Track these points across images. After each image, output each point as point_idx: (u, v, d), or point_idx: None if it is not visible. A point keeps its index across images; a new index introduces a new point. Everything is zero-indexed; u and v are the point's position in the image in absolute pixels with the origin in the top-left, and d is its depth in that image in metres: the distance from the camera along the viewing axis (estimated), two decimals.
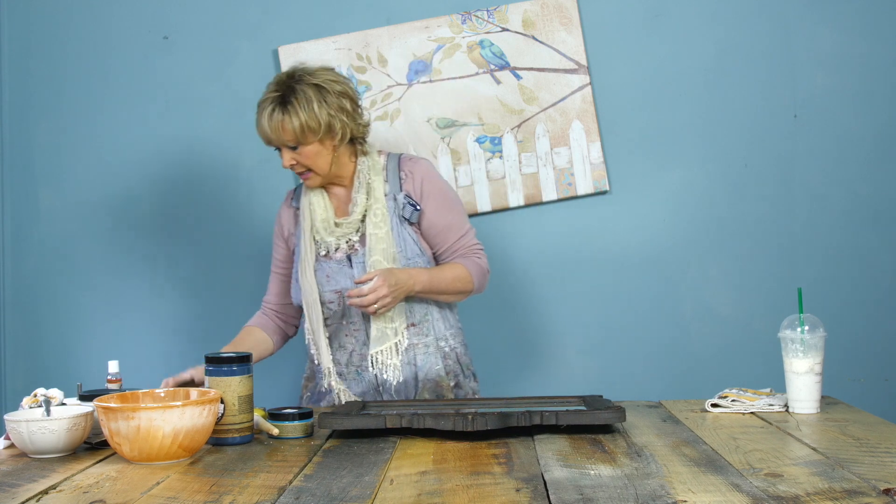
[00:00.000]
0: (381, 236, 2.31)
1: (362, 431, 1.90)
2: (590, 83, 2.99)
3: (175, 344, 3.08)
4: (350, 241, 2.35)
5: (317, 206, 2.37)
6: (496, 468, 1.59)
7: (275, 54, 3.05)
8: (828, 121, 2.99)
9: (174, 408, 1.66)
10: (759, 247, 3.00)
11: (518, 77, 3.00)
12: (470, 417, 1.81)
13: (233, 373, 1.85)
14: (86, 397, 2.02)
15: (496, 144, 3.00)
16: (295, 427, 1.89)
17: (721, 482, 1.46)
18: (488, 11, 3.01)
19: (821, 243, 2.99)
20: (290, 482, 1.53)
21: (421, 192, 2.37)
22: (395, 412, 1.90)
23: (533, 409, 1.88)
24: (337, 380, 2.34)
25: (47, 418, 1.74)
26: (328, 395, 2.37)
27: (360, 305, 2.22)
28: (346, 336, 2.36)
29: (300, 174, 2.34)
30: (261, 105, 2.28)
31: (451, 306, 2.45)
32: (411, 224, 2.36)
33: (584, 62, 2.99)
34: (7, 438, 1.86)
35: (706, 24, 3.01)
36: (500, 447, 1.75)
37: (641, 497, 1.38)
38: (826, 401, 2.15)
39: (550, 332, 3.04)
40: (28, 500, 1.46)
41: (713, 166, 3.01)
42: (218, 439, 1.84)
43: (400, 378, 2.32)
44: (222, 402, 1.83)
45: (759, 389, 2.17)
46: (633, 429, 1.90)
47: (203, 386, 2.20)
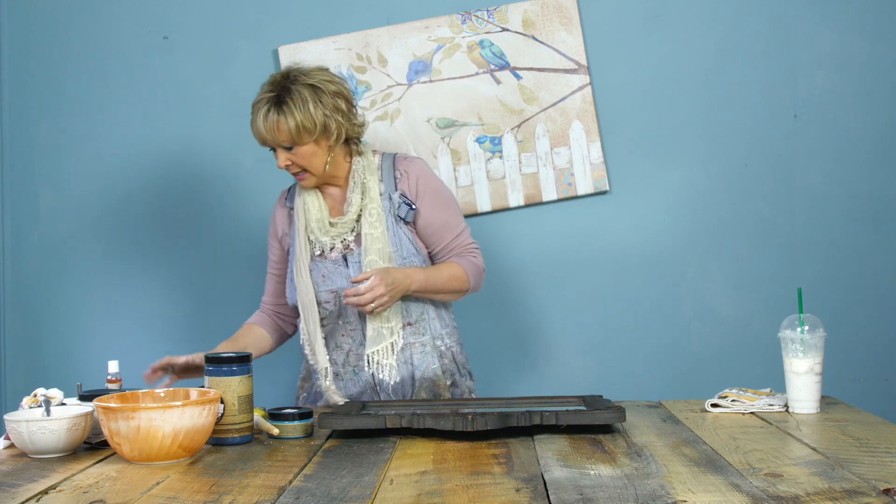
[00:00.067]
0: (377, 236, 2.31)
1: (362, 431, 1.90)
2: (590, 83, 2.99)
3: (175, 344, 3.07)
4: (345, 241, 2.35)
5: (311, 206, 2.37)
6: (496, 468, 1.59)
7: (275, 54, 3.05)
8: (828, 121, 2.99)
9: (174, 408, 1.67)
10: (759, 247, 3.00)
11: (518, 77, 3.00)
12: (470, 417, 1.81)
13: (233, 373, 1.85)
14: (86, 397, 2.02)
15: (496, 144, 3.00)
16: (295, 427, 1.89)
17: (721, 482, 1.46)
18: (488, 11, 3.01)
19: (821, 243, 2.99)
20: (290, 482, 1.53)
21: (416, 192, 2.37)
22: (395, 412, 1.90)
23: (533, 409, 1.88)
24: (331, 380, 2.34)
25: (47, 418, 1.74)
26: (325, 396, 2.37)
27: (357, 305, 2.22)
28: (343, 336, 2.36)
29: (295, 175, 2.33)
30: (255, 105, 2.27)
31: (447, 305, 2.45)
32: (407, 223, 2.36)
33: (584, 62, 2.99)
34: (7, 438, 1.86)
35: (706, 24, 3.01)
36: (500, 447, 1.75)
37: (641, 497, 1.38)
38: (826, 401, 2.15)
39: (550, 332, 3.04)
40: (28, 500, 1.46)
41: (713, 166, 3.01)
42: (218, 439, 1.84)
43: (396, 378, 2.32)
44: (222, 402, 1.83)
45: (759, 389, 2.17)
46: (633, 429, 1.90)
47: (196, 367, 2.22)
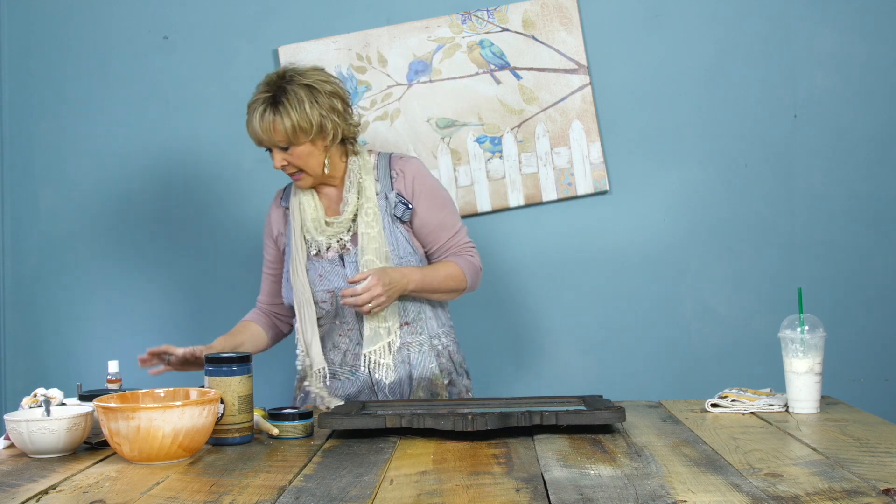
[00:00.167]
0: (374, 235, 2.31)
1: (362, 431, 1.90)
2: (590, 83, 2.99)
3: (175, 343, 3.05)
4: (342, 241, 2.35)
5: (307, 206, 2.37)
6: (496, 468, 1.59)
7: (275, 54, 3.05)
8: (828, 121, 2.99)
9: (174, 408, 1.67)
10: (759, 247, 3.00)
11: (518, 77, 3.00)
12: (470, 417, 1.81)
13: (233, 373, 1.85)
14: (86, 397, 2.02)
15: (496, 144, 3.00)
16: (295, 427, 1.89)
17: (721, 482, 1.46)
18: (488, 11, 3.01)
19: (821, 243, 2.99)
20: (290, 482, 1.53)
21: (412, 191, 2.37)
22: (395, 412, 1.90)
23: (533, 409, 1.88)
24: (322, 382, 2.33)
25: (47, 418, 1.74)
26: (312, 397, 2.37)
27: (355, 305, 2.21)
28: (340, 336, 2.36)
29: (291, 175, 2.33)
30: (251, 106, 2.27)
31: (444, 305, 2.45)
32: (403, 223, 2.36)
33: (584, 62, 2.99)
34: (7, 438, 1.86)
35: (706, 24, 3.01)
36: (500, 447, 1.75)
37: (641, 497, 1.38)
38: (826, 401, 2.15)
39: (551, 332, 3.04)
40: (28, 500, 1.46)
41: (713, 166, 3.01)
42: (218, 439, 1.84)
43: (393, 377, 2.32)
44: (222, 402, 1.83)
45: (759, 389, 2.17)
46: (633, 429, 1.90)
47: (195, 359, 2.21)
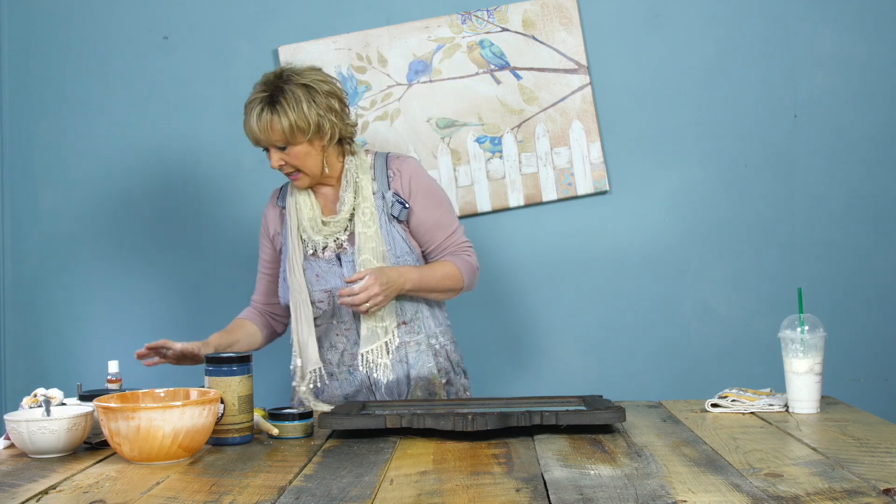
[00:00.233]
0: (371, 235, 2.31)
1: (362, 431, 1.90)
2: (590, 83, 2.99)
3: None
4: (338, 241, 2.35)
5: (303, 206, 2.37)
6: (496, 468, 1.59)
7: (275, 54, 3.05)
8: (828, 121, 2.99)
9: (174, 408, 1.67)
10: (759, 247, 3.00)
11: (518, 77, 3.00)
12: (470, 417, 1.81)
13: (233, 373, 1.85)
14: (86, 397, 2.02)
15: (496, 144, 3.00)
16: (295, 427, 1.89)
17: (721, 482, 1.46)
18: (488, 11, 3.01)
19: (821, 243, 2.99)
20: (290, 482, 1.53)
21: (409, 190, 2.37)
22: (395, 412, 1.90)
23: (533, 409, 1.88)
24: (315, 384, 2.33)
25: (47, 418, 1.74)
26: (321, 396, 2.37)
27: (352, 305, 2.21)
28: (337, 335, 2.36)
29: (289, 175, 2.33)
30: (248, 105, 2.27)
31: (441, 304, 2.45)
32: (400, 222, 2.36)
33: (584, 62, 2.99)
34: (7, 438, 1.86)
35: (706, 24, 3.01)
36: (500, 447, 1.75)
37: (641, 497, 1.38)
38: (826, 401, 2.15)
39: (550, 332, 3.04)
40: (28, 500, 1.46)
41: (713, 166, 3.01)
42: (218, 439, 1.84)
43: (391, 377, 2.31)
44: (222, 402, 1.83)
45: (759, 389, 2.17)
46: (633, 429, 1.90)
47: (192, 354, 2.21)
